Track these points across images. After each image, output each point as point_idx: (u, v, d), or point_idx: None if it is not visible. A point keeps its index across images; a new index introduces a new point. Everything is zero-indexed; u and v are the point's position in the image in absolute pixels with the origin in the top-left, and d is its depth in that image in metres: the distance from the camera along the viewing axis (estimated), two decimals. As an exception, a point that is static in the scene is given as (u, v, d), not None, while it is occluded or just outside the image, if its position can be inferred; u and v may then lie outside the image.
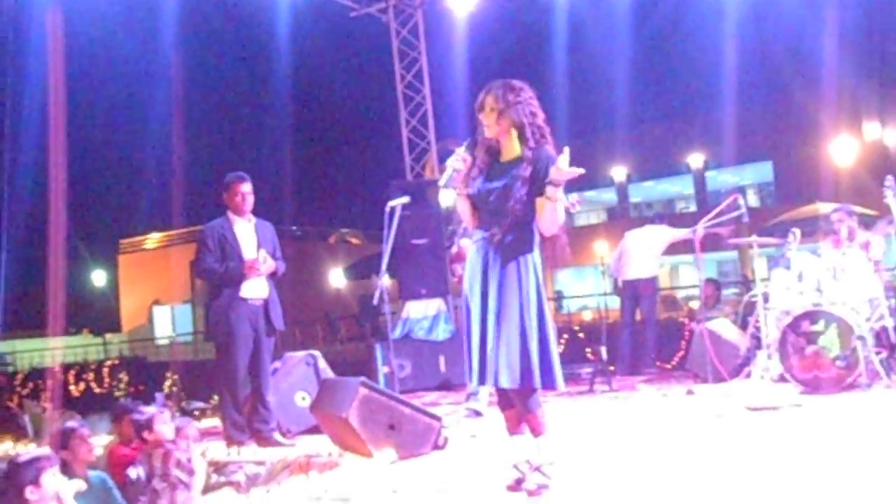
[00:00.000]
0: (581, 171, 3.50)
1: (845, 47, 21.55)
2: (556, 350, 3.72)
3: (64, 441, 3.93)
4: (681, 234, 8.75)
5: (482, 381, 3.69)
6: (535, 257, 3.71)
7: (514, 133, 3.75)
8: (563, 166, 3.52)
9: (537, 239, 3.74)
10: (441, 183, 3.92)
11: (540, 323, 3.66)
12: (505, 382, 3.59)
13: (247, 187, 5.81)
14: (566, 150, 3.55)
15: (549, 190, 3.57)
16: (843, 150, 23.97)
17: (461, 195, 3.83)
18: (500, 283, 3.66)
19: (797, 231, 6.97)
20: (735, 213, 7.22)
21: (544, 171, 3.62)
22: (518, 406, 3.74)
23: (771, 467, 3.91)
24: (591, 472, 4.10)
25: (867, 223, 7.09)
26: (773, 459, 4.11)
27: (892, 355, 6.34)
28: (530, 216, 3.70)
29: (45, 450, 3.71)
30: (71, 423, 4.15)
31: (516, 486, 3.75)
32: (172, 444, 4.04)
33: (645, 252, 8.98)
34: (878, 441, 4.27)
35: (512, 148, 3.78)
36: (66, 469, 3.70)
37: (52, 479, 3.38)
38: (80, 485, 3.52)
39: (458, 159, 3.79)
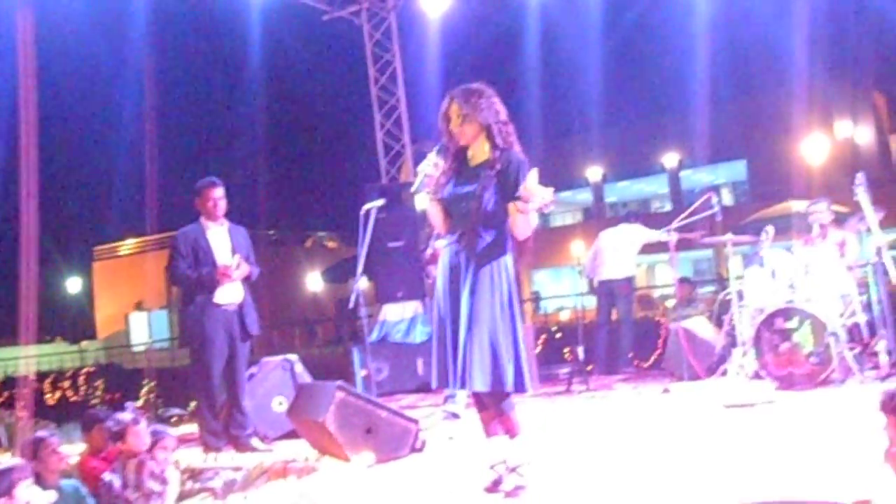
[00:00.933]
0: (550, 191, 3.44)
1: (816, 47, 21.76)
2: (527, 353, 3.72)
3: (34, 451, 3.87)
4: (655, 235, 8.79)
5: (460, 385, 3.68)
6: (507, 260, 3.71)
7: (483, 136, 3.74)
8: (531, 187, 3.45)
9: (510, 241, 3.73)
10: (414, 188, 3.91)
11: (512, 326, 3.66)
12: (478, 386, 3.58)
13: (219, 192, 5.78)
14: (534, 170, 3.50)
15: (519, 205, 3.54)
16: (814, 148, 24.32)
17: (432, 200, 3.82)
18: (473, 286, 3.65)
19: (770, 229, 7.02)
20: (709, 212, 7.27)
21: (514, 175, 3.62)
22: (492, 408, 3.74)
23: (746, 463, 3.94)
24: (568, 472, 4.11)
25: (839, 220, 7.16)
26: (749, 456, 4.13)
27: (865, 351, 6.40)
28: (502, 219, 3.69)
29: (19, 461, 3.66)
30: (41, 433, 4.09)
31: (494, 487, 3.75)
32: (147, 454, 3.99)
33: (620, 252, 9.00)
34: (851, 436, 4.31)
35: (481, 151, 3.77)
36: (38, 479, 3.65)
37: (26, 490, 3.34)
38: (51, 496, 3.48)
39: (430, 164, 3.78)
